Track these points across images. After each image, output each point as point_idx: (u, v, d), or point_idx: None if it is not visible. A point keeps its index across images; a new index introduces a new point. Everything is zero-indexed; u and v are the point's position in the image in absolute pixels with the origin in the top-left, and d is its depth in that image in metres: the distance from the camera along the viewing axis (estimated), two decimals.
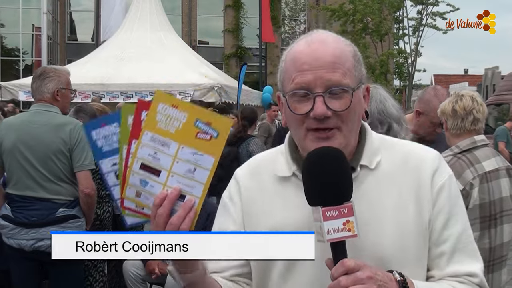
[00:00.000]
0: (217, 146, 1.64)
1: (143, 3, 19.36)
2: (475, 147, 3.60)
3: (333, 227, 1.54)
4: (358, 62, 1.75)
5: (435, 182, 1.76)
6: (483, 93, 36.71)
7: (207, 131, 1.63)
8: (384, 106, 3.06)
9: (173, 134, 1.64)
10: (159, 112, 1.64)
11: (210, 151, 1.64)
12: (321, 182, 1.57)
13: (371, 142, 1.82)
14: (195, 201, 1.65)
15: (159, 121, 1.64)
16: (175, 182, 1.65)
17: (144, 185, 1.67)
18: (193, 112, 1.64)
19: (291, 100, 1.71)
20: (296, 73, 1.69)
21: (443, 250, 1.75)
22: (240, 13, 39.59)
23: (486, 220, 3.48)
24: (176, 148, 1.64)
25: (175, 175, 1.65)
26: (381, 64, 29.40)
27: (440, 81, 62.75)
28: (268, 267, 1.81)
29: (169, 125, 1.64)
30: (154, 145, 1.65)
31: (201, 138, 1.63)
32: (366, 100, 1.81)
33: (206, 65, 19.50)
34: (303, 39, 1.76)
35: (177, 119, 1.64)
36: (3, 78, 26.08)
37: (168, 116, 1.64)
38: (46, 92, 4.61)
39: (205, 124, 1.63)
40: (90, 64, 17.45)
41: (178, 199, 1.64)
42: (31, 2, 38.23)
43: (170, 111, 1.64)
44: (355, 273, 1.51)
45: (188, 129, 1.63)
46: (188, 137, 1.63)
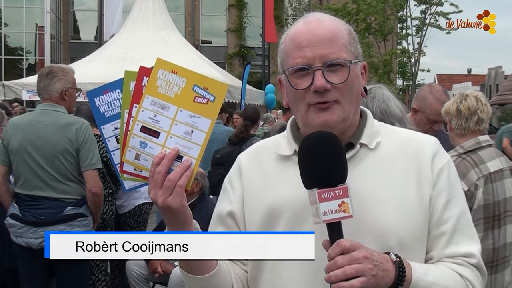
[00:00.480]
0: (214, 109, 1.72)
1: (146, 3, 19.36)
2: (480, 147, 3.59)
3: (328, 209, 1.58)
4: (354, 40, 1.84)
5: (435, 165, 1.81)
6: (486, 92, 36.68)
7: (204, 95, 1.72)
8: (387, 105, 3.06)
9: (172, 98, 1.73)
10: (159, 78, 1.74)
11: (207, 114, 1.72)
12: (316, 165, 1.62)
13: (372, 124, 1.89)
14: (192, 161, 1.71)
15: (159, 86, 1.73)
16: (173, 143, 1.72)
17: (143, 147, 1.74)
18: (191, 78, 1.73)
19: (291, 77, 1.78)
20: (295, 50, 1.78)
21: (443, 230, 1.78)
22: (243, 12, 39.63)
23: (490, 220, 3.47)
24: (175, 111, 1.72)
25: (173, 137, 1.72)
26: (385, 64, 29.40)
27: (444, 80, 62.74)
28: None
29: (168, 90, 1.73)
30: (154, 109, 1.73)
31: (199, 102, 1.72)
32: (364, 77, 1.88)
33: (209, 64, 19.50)
34: (301, 21, 1.85)
35: (176, 84, 1.73)
36: (7, 77, 26.14)
37: (167, 82, 1.73)
38: (54, 91, 4.64)
39: (203, 89, 1.72)
40: (93, 63, 17.45)
41: (175, 160, 1.70)
42: (35, 2, 38.32)
43: (169, 76, 1.74)
44: (351, 253, 1.55)
45: (187, 94, 1.72)
46: (187, 101, 1.72)
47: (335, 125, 1.74)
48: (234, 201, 1.93)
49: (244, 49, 39.15)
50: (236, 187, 1.94)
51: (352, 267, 1.53)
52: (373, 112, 3.07)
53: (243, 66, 34.71)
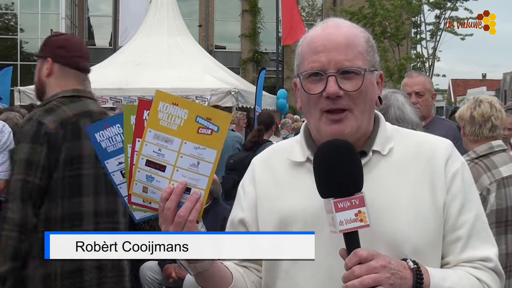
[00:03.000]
0: (219, 140, 1.70)
1: (160, 8, 19.42)
2: (492, 152, 3.57)
3: (345, 218, 1.57)
4: (371, 48, 1.82)
5: (449, 169, 1.79)
6: (501, 97, 36.45)
7: (208, 126, 1.70)
8: (402, 112, 3.05)
9: (175, 130, 1.70)
10: (160, 111, 1.71)
11: (212, 145, 1.70)
12: (331, 175, 1.61)
13: (385, 129, 1.86)
14: (201, 193, 1.70)
15: (161, 119, 1.71)
16: (180, 176, 1.70)
17: (150, 181, 1.73)
18: (193, 109, 1.70)
19: (305, 82, 1.77)
20: (311, 55, 1.76)
21: (459, 235, 1.76)
22: (257, 18, 39.63)
23: (502, 225, 3.46)
24: (179, 144, 1.70)
25: (180, 169, 1.71)
26: (400, 69, 29.26)
27: (458, 85, 62.29)
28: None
29: (171, 122, 1.70)
30: (157, 142, 1.71)
31: (203, 133, 1.70)
32: (380, 86, 1.86)
33: (223, 69, 19.53)
34: (319, 25, 1.84)
35: (178, 116, 1.70)
36: (22, 83, 26.28)
37: (169, 114, 1.70)
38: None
39: (206, 120, 1.69)
40: (108, 69, 17.51)
41: (184, 192, 1.69)
42: (50, 7, 38.59)
43: (171, 109, 1.70)
44: (368, 262, 1.54)
45: (190, 125, 1.70)
46: (190, 132, 1.70)
47: (348, 136, 1.73)
48: (245, 208, 1.92)
49: (258, 54, 39.12)
50: (248, 192, 1.93)
51: (369, 276, 1.52)
52: (389, 120, 3.06)
53: (257, 71, 34.71)
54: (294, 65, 1.88)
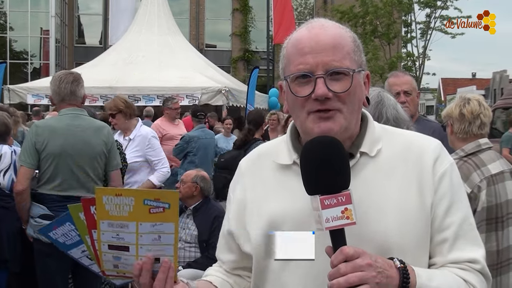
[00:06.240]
0: (173, 214, 1.69)
1: (151, 7, 19.38)
2: (480, 150, 3.60)
3: (331, 215, 1.55)
4: (358, 48, 1.79)
5: (437, 170, 1.77)
6: (491, 96, 36.55)
7: (158, 205, 1.68)
8: (397, 111, 3.03)
9: (127, 216, 1.70)
10: (106, 203, 1.70)
11: (167, 219, 1.69)
12: (318, 171, 1.59)
13: (373, 130, 1.84)
14: (171, 260, 1.71)
15: (109, 210, 1.70)
16: (145, 251, 1.71)
17: (118, 259, 1.75)
18: (138, 195, 1.69)
19: (292, 84, 1.74)
20: (297, 57, 1.73)
21: (445, 236, 1.75)
22: (248, 16, 39.63)
23: (493, 222, 3.48)
24: (135, 226, 1.70)
25: (143, 246, 1.71)
26: (390, 67, 29.32)
27: (448, 84, 62.55)
28: (268, 256, 1.81)
29: (120, 210, 1.69)
30: (113, 229, 1.72)
31: (155, 212, 1.68)
32: (367, 86, 1.84)
33: (213, 68, 19.52)
34: (304, 26, 1.81)
35: (126, 204, 1.69)
36: (12, 81, 26.18)
37: (116, 204, 1.69)
38: (79, 97, 4.96)
39: (154, 201, 1.67)
40: (98, 67, 17.48)
41: (154, 263, 1.71)
42: (40, 6, 38.45)
43: (116, 200, 1.69)
44: (354, 260, 1.52)
45: (140, 209, 1.68)
46: (142, 214, 1.68)
47: (336, 135, 1.69)
48: (231, 217, 1.93)
49: (249, 53, 39.15)
50: (236, 198, 1.93)
51: (355, 274, 1.50)
52: (387, 120, 3.05)
53: (247, 70, 34.71)
54: (279, 67, 1.85)
